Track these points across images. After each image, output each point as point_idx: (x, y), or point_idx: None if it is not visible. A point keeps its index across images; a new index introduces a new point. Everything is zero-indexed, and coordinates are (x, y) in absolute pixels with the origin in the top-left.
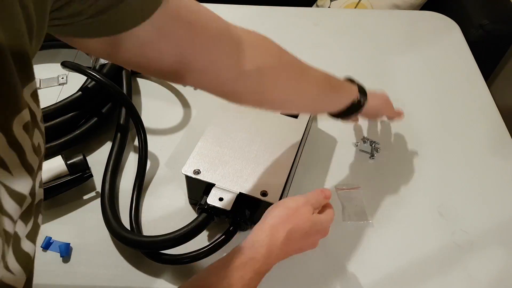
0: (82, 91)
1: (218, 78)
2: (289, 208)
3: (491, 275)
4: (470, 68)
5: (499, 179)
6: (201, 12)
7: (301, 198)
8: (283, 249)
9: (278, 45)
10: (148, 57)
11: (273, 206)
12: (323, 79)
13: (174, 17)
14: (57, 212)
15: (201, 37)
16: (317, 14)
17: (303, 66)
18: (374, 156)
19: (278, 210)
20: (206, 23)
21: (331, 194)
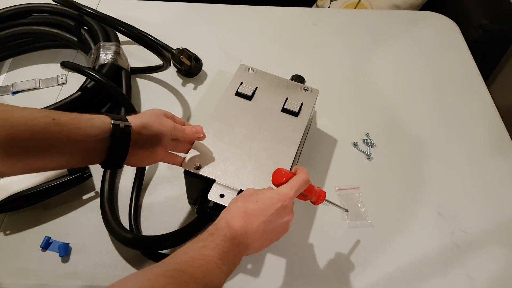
0: (81, 91)
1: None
2: (241, 194)
3: (490, 275)
4: (470, 69)
5: (498, 179)
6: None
7: None
8: (246, 225)
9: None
10: None
11: None
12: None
13: None
14: (57, 212)
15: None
16: (317, 14)
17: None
18: (372, 156)
19: (235, 198)
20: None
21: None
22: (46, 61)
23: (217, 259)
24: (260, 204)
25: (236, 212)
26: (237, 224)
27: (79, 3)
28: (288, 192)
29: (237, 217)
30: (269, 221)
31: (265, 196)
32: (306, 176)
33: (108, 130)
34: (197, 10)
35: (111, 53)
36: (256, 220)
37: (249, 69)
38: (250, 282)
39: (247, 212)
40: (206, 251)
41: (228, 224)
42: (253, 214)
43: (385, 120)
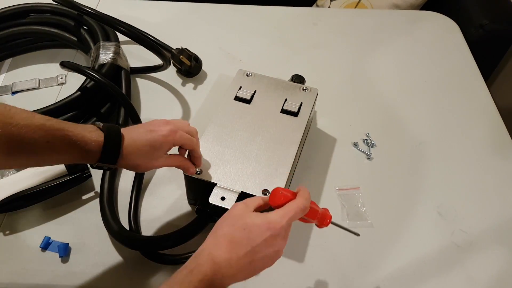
0: (81, 91)
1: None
2: (229, 214)
3: (490, 275)
4: (470, 68)
5: (498, 179)
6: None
7: (240, 204)
8: (230, 256)
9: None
10: None
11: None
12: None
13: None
14: (56, 212)
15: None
16: (317, 14)
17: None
18: (372, 156)
19: (221, 219)
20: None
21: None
22: (45, 61)
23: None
24: (247, 232)
25: (221, 241)
26: (221, 256)
27: (79, 3)
28: (280, 220)
29: (221, 246)
30: (257, 251)
31: (254, 224)
32: (304, 203)
33: (100, 129)
34: (197, 10)
35: (110, 53)
36: (242, 250)
37: (247, 73)
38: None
39: (232, 241)
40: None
41: (211, 258)
42: (239, 243)
43: (385, 120)
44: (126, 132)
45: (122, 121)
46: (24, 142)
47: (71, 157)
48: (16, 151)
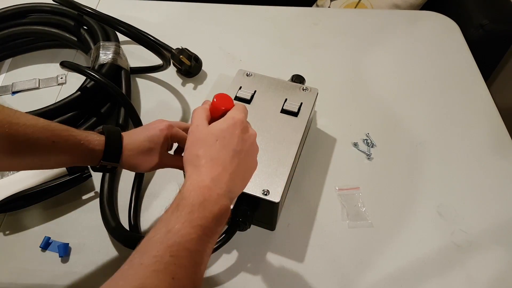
0: (81, 91)
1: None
2: (194, 139)
3: (490, 275)
4: (470, 68)
5: (498, 179)
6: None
7: None
8: (217, 171)
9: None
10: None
11: None
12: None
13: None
14: (56, 212)
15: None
16: (317, 14)
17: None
18: (372, 156)
19: (189, 149)
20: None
21: None
22: (45, 61)
23: (188, 243)
24: (221, 141)
25: (201, 166)
26: (206, 178)
27: (79, 3)
28: (238, 114)
29: (203, 170)
30: (238, 151)
31: (221, 129)
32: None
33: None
34: (197, 10)
35: (110, 53)
36: (225, 158)
37: (247, 74)
38: (249, 282)
39: (212, 158)
40: (173, 236)
41: (196, 186)
42: (219, 155)
43: (385, 120)
44: (125, 133)
45: (122, 121)
46: (30, 142)
47: (75, 158)
48: (21, 151)
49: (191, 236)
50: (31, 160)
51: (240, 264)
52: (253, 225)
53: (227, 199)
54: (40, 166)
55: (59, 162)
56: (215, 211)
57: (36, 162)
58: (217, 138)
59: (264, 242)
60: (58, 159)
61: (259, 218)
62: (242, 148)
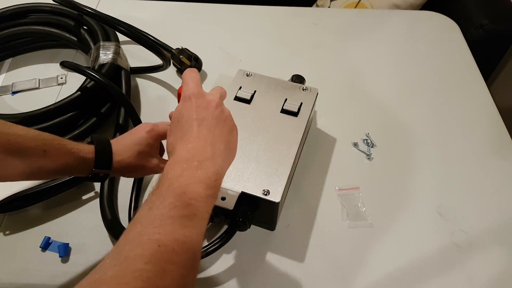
0: (81, 91)
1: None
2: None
3: (490, 275)
4: (470, 68)
5: (498, 179)
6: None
7: None
8: (186, 142)
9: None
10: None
11: None
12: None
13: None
14: (56, 212)
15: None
16: (317, 14)
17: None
18: (372, 156)
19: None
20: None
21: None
22: (45, 61)
23: (172, 211)
24: (181, 120)
25: (175, 148)
26: (182, 152)
27: (79, 3)
28: (188, 90)
29: (178, 149)
30: (201, 119)
31: (178, 111)
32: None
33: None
34: (197, 10)
35: (110, 53)
36: (192, 132)
37: (247, 74)
38: (249, 282)
39: (181, 137)
40: (155, 211)
41: (173, 161)
42: (186, 133)
43: (385, 120)
44: (112, 141)
45: (122, 121)
46: (21, 151)
47: (67, 168)
48: (13, 161)
49: (175, 204)
50: (23, 170)
51: (240, 264)
52: (253, 225)
53: (211, 163)
54: (33, 177)
55: (51, 172)
56: (199, 176)
57: (29, 173)
58: (178, 119)
59: (264, 242)
60: (50, 169)
61: (259, 218)
62: (205, 115)
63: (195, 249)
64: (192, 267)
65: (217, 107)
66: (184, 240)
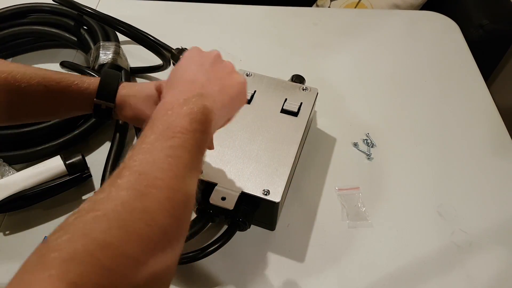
0: None
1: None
2: None
3: (491, 275)
4: (470, 68)
5: (498, 179)
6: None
7: None
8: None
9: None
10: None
11: None
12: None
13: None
14: (56, 213)
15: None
16: (317, 14)
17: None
18: (372, 156)
19: None
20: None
21: None
22: (45, 61)
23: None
24: (179, 70)
25: (168, 91)
26: (175, 91)
27: (79, 3)
28: (189, 51)
29: (169, 91)
30: (200, 63)
31: (177, 66)
32: None
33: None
34: (197, 10)
35: (110, 53)
36: (188, 75)
37: (247, 73)
38: (249, 282)
39: (176, 81)
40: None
41: (163, 100)
42: (181, 77)
43: (385, 120)
44: (127, 83)
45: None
46: (22, 91)
47: (70, 103)
48: (15, 100)
49: (158, 138)
50: (26, 109)
51: (240, 264)
52: (253, 225)
53: (198, 99)
54: (38, 116)
55: (55, 109)
56: (184, 111)
57: (32, 111)
58: (176, 71)
59: (264, 242)
60: (53, 106)
61: (259, 218)
62: (203, 60)
63: (184, 176)
64: (180, 190)
65: (216, 56)
66: (169, 168)
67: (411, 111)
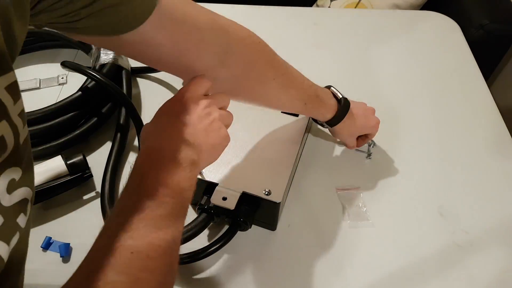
0: (82, 91)
1: (204, 66)
2: None
3: (491, 275)
4: (470, 68)
5: (499, 179)
6: (191, 6)
7: None
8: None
9: (264, 43)
10: (148, 51)
11: None
12: (309, 86)
13: (168, 13)
14: (57, 212)
15: (193, 30)
16: (317, 14)
17: (289, 67)
18: (372, 156)
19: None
20: (197, 16)
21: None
22: (46, 61)
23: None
24: (160, 116)
25: (147, 138)
26: (155, 143)
27: None
28: (179, 93)
29: (150, 139)
30: (174, 114)
31: (162, 107)
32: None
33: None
34: None
35: (111, 53)
36: (166, 127)
37: None
38: (250, 282)
39: (157, 130)
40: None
41: (142, 169)
42: (160, 127)
43: (385, 120)
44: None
45: (123, 121)
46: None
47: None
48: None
49: (147, 205)
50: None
51: (241, 264)
52: (254, 225)
53: (185, 155)
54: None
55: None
56: (171, 172)
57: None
58: (161, 109)
59: (265, 242)
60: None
61: (260, 218)
62: (189, 111)
63: (172, 251)
64: (169, 272)
65: (205, 108)
66: (159, 244)
67: (412, 111)
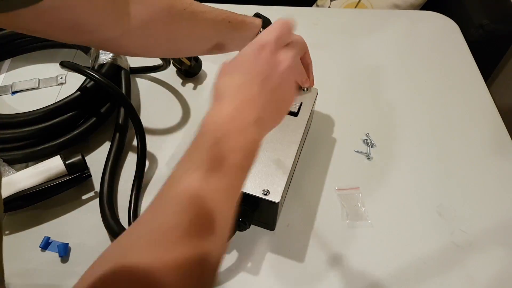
0: (80, 91)
1: (105, 36)
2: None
3: (490, 275)
4: (470, 68)
5: (498, 179)
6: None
7: None
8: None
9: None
10: (45, 24)
11: None
12: (221, 19)
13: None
14: (56, 212)
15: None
16: (317, 14)
17: (195, 12)
18: (372, 156)
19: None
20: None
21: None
22: (45, 61)
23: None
24: (244, 68)
25: (224, 96)
26: (230, 107)
27: None
28: (266, 36)
29: (226, 101)
30: (265, 76)
31: (244, 55)
32: (282, 19)
33: None
34: None
35: (110, 52)
36: (251, 88)
37: None
38: (249, 282)
39: (236, 87)
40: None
41: (216, 116)
42: (242, 85)
43: (385, 120)
44: None
45: (122, 121)
46: (209, 23)
47: (235, 40)
48: (203, 34)
49: (208, 171)
50: (210, 41)
51: (240, 264)
52: (253, 225)
53: (256, 128)
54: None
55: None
56: (240, 143)
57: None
58: (241, 64)
59: (264, 242)
60: (230, 41)
61: (259, 218)
62: (271, 73)
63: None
64: None
65: (287, 68)
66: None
67: (411, 111)
